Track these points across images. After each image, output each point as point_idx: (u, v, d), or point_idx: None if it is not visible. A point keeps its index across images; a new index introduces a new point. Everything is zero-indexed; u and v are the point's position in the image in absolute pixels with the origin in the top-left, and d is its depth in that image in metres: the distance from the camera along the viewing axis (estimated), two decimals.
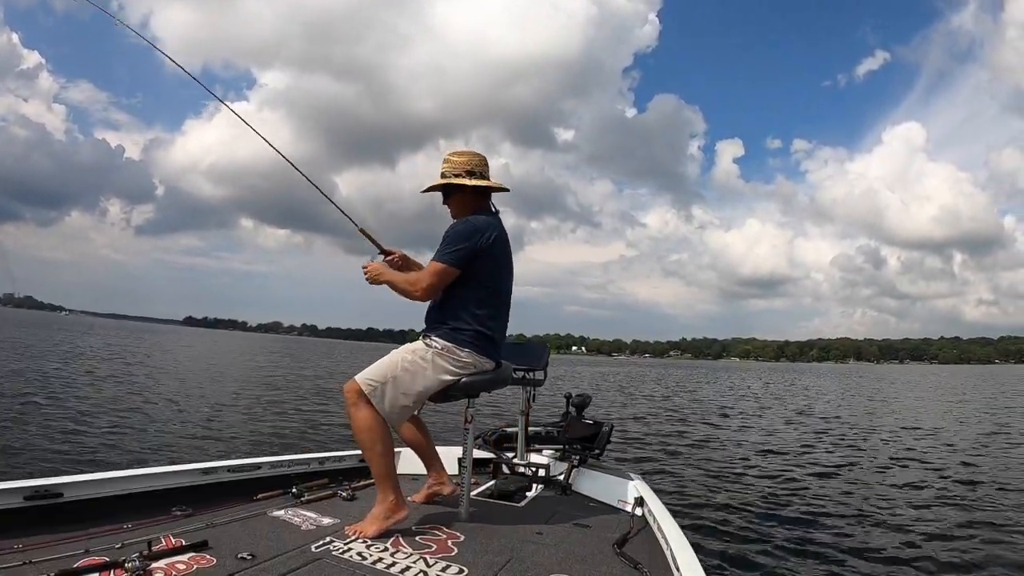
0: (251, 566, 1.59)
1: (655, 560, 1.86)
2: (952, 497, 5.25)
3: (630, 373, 38.29)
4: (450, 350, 2.09)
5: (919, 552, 3.74)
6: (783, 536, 4.01)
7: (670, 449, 7.42)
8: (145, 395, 9.48)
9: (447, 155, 2.22)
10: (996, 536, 4.09)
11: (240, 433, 6.90)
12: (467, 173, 2.18)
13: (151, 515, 1.96)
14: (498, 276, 2.16)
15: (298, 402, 10.31)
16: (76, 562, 1.52)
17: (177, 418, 7.58)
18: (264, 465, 2.51)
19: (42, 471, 4.32)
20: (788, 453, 7.50)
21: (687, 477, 5.80)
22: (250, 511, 2.09)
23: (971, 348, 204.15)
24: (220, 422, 7.54)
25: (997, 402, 18.16)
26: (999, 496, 5.28)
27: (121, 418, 7.15)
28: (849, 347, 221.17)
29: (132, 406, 8.14)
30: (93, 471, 2.64)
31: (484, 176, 2.21)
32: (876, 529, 4.26)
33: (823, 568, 3.49)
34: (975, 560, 3.61)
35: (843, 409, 15.03)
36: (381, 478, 1.98)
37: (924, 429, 10.64)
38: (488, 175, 2.23)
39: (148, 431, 6.53)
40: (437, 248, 2.11)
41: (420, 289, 2.08)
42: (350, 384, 2.02)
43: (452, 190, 2.20)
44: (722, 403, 15.63)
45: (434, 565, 1.70)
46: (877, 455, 7.59)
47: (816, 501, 5.00)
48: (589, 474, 2.82)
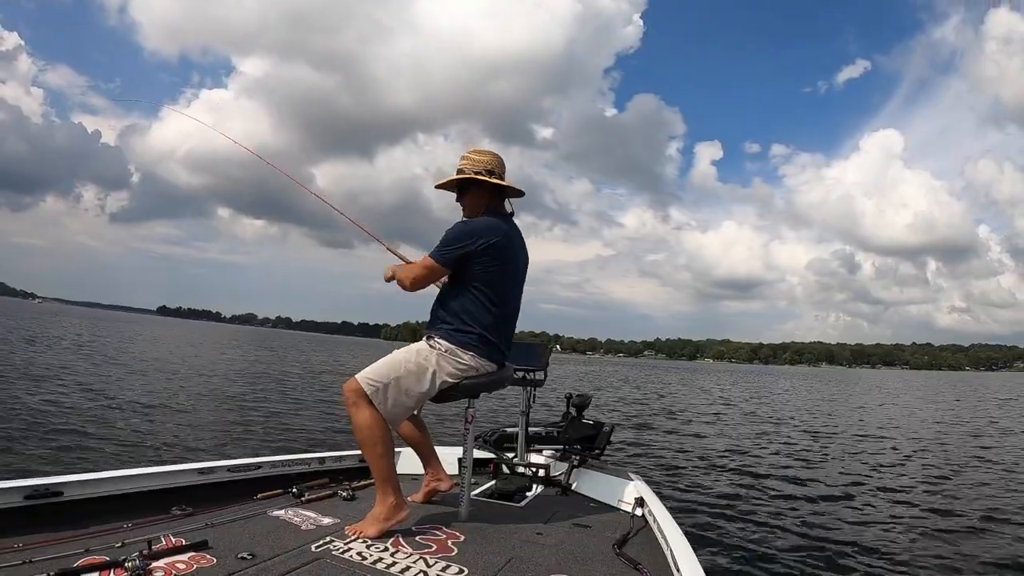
0: (251, 566, 1.59)
1: (655, 560, 1.86)
2: (955, 500, 5.25)
3: (600, 372, 38.41)
4: (453, 352, 2.08)
5: (918, 551, 3.74)
6: (783, 536, 4.01)
7: (670, 449, 7.43)
8: (127, 394, 9.42)
9: (467, 153, 2.23)
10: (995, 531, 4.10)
11: (239, 433, 6.90)
12: (487, 172, 2.18)
13: (151, 515, 1.95)
14: (502, 279, 2.15)
15: (297, 399, 10.31)
16: (76, 561, 1.52)
17: (171, 419, 7.58)
18: (264, 465, 2.51)
19: (42, 470, 4.32)
20: (788, 453, 7.50)
21: (687, 477, 5.80)
22: (250, 511, 2.09)
23: (942, 354, 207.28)
24: (220, 420, 7.55)
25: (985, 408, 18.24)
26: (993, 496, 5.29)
27: (106, 416, 7.14)
28: (822, 351, 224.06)
29: (115, 404, 8.11)
30: (93, 470, 2.64)
31: (501, 178, 2.22)
32: (876, 528, 4.26)
33: (823, 567, 3.49)
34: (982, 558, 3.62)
35: (835, 412, 15.11)
36: (381, 479, 1.98)
37: (925, 435, 10.65)
38: (504, 177, 2.24)
39: (141, 430, 6.52)
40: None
41: (408, 279, 2.11)
42: (350, 383, 2.00)
43: (468, 187, 2.21)
44: (718, 405, 15.65)
45: (434, 565, 1.69)
46: (874, 456, 7.61)
47: (815, 500, 5.00)
48: (589, 474, 2.82)
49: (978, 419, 14.10)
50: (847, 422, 12.25)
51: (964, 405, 19.46)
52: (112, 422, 6.76)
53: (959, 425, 12.15)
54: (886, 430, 10.90)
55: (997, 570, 3.50)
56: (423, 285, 2.15)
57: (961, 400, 22.40)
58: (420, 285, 2.14)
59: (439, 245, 2.10)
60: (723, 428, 10.24)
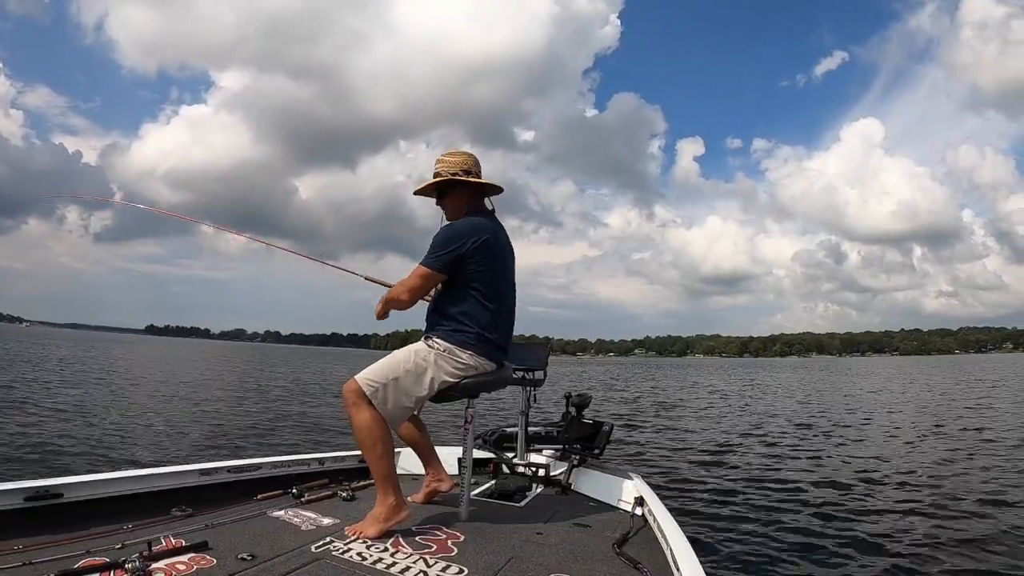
0: (251, 566, 1.59)
1: (655, 560, 1.86)
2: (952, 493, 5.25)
3: (591, 372, 38.42)
4: (452, 352, 2.09)
5: (919, 550, 3.74)
6: (783, 535, 4.01)
7: (669, 449, 7.43)
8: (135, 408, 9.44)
9: (441, 156, 2.24)
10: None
11: (238, 435, 6.90)
12: (464, 172, 2.19)
13: (151, 516, 1.96)
14: (493, 277, 2.16)
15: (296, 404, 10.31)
16: (76, 563, 1.52)
17: (174, 427, 7.58)
18: (264, 465, 2.51)
19: (42, 472, 4.32)
20: (787, 453, 7.50)
21: (687, 476, 5.80)
22: (250, 511, 2.09)
23: (931, 339, 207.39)
24: (223, 426, 7.54)
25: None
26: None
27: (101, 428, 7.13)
28: (812, 341, 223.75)
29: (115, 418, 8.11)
30: (93, 472, 2.64)
31: (478, 176, 2.23)
32: (878, 522, 4.25)
33: (823, 566, 3.49)
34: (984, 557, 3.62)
35: (835, 405, 15.06)
36: (381, 479, 1.97)
37: (923, 423, 10.65)
38: (481, 175, 2.25)
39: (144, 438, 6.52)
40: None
41: (404, 290, 2.10)
42: (350, 384, 2.00)
43: (447, 190, 2.21)
44: (717, 402, 15.64)
45: (434, 565, 1.70)
46: (874, 447, 7.59)
47: (816, 496, 4.99)
48: (589, 474, 2.82)
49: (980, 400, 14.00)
50: (845, 412, 12.18)
51: (962, 388, 19.31)
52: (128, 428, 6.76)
53: (966, 408, 12.11)
54: (883, 418, 10.86)
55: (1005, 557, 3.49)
56: (421, 295, 2.14)
57: (961, 383, 22.15)
58: (417, 295, 2.12)
59: (430, 251, 2.10)
60: (723, 426, 10.22)
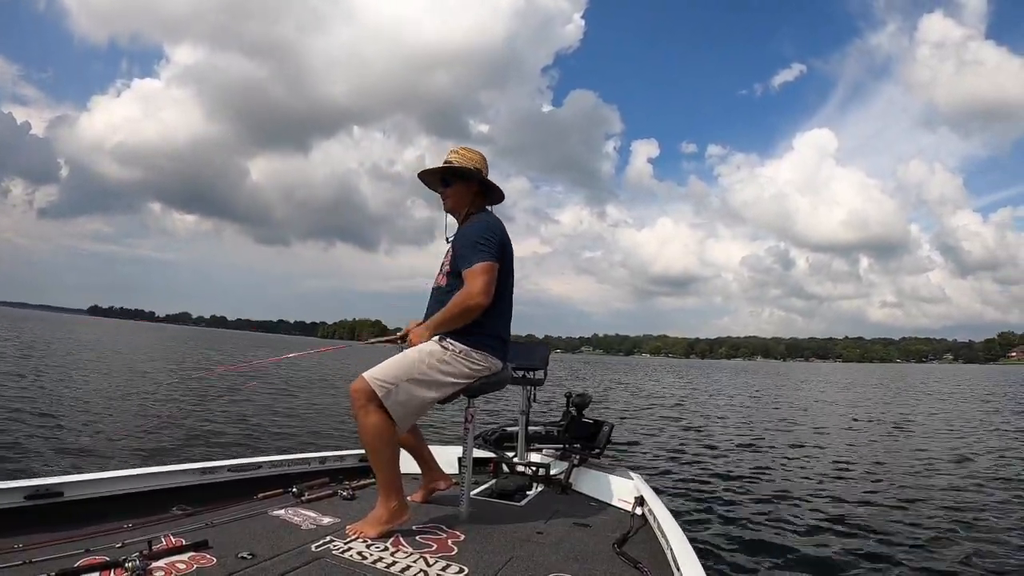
0: (251, 565, 1.59)
1: (655, 559, 1.86)
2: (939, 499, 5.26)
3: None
4: (467, 353, 2.05)
5: (919, 549, 3.75)
6: (783, 535, 4.01)
7: (669, 448, 7.43)
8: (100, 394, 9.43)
9: (457, 148, 2.24)
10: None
11: (236, 434, 6.89)
12: (476, 170, 2.20)
13: (151, 515, 1.95)
14: (507, 277, 2.15)
15: None
16: (76, 561, 1.52)
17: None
18: (264, 464, 2.51)
19: (42, 471, 4.32)
20: (786, 453, 7.50)
21: (687, 475, 5.80)
22: (250, 511, 2.09)
23: (874, 348, 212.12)
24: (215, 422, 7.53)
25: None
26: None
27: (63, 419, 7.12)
28: (757, 345, 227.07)
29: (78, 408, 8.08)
30: (93, 471, 2.64)
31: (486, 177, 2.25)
32: (876, 525, 4.25)
33: (823, 565, 3.49)
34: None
35: (823, 408, 15.14)
36: (385, 482, 1.95)
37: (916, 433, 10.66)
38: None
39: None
40: (460, 255, 2.06)
41: (480, 292, 1.98)
42: (359, 384, 1.91)
43: (454, 180, 2.20)
44: (715, 403, 15.65)
45: (434, 564, 1.69)
46: (876, 450, 7.60)
47: (815, 500, 5.00)
48: (589, 473, 2.82)
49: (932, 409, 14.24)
50: (838, 415, 12.26)
51: (914, 396, 19.76)
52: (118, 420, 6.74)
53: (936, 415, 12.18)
54: (872, 422, 10.90)
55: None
56: (492, 288, 2.02)
57: (912, 389, 22.54)
58: (491, 289, 2.01)
59: (476, 246, 2.02)
60: (722, 425, 10.23)
